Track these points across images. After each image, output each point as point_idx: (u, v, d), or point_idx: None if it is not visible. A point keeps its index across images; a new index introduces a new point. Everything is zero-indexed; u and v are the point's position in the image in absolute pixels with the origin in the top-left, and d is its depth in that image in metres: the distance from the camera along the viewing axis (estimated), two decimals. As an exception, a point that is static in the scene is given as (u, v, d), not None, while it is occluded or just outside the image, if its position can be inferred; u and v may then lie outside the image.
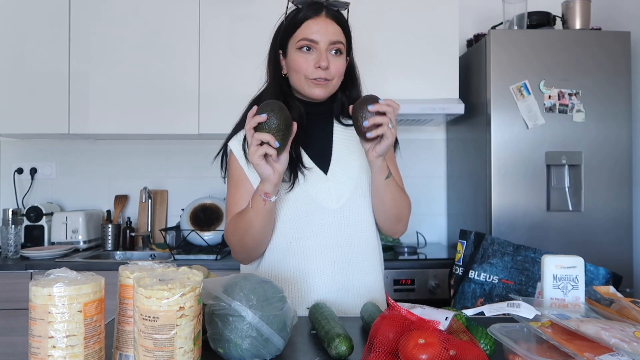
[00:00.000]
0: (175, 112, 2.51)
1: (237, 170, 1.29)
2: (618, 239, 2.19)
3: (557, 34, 2.23)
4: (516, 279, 1.28)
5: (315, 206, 1.25)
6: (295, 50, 1.22)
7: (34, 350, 0.73)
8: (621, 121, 2.20)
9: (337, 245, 1.25)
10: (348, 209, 1.26)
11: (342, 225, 1.25)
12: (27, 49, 2.51)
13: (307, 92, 1.24)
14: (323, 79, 1.21)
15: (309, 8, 1.21)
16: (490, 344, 0.87)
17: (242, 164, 1.27)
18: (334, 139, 1.33)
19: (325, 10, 1.21)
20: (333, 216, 1.25)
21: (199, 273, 0.81)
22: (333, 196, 1.26)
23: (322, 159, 1.29)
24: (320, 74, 1.20)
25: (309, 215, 1.24)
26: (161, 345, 0.72)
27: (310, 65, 1.20)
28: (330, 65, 1.20)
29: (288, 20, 1.24)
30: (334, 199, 1.26)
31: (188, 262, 2.32)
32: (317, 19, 1.20)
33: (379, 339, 0.80)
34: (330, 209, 1.25)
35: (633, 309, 0.95)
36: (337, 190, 1.26)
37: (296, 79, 1.24)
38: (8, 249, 2.40)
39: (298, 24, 1.21)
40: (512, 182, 2.19)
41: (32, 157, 2.90)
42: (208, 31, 2.52)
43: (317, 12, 1.20)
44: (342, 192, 1.26)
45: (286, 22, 1.25)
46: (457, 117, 2.63)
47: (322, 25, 1.20)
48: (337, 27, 1.22)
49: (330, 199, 1.25)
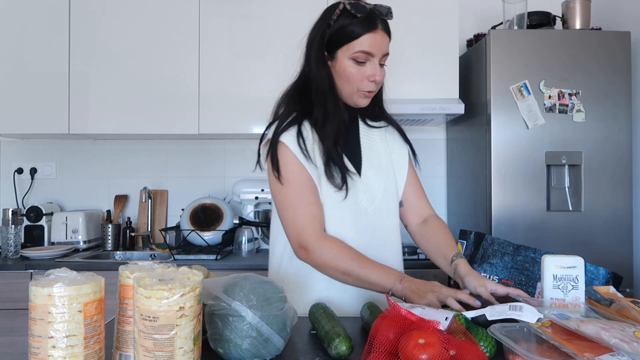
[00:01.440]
0: (175, 112, 2.51)
1: (296, 165, 1.21)
2: (618, 239, 2.19)
3: (557, 34, 2.23)
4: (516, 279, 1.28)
5: (357, 208, 1.26)
6: (347, 59, 1.21)
7: (34, 350, 0.73)
8: (621, 121, 2.20)
9: (373, 246, 1.26)
10: (381, 210, 1.29)
11: (376, 227, 1.28)
12: (27, 49, 2.51)
13: (355, 101, 1.26)
14: (373, 90, 1.24)
15: (368, 20, 1.18)
16: (491, 346, 0.87)
17: (300, 159, 1.21)
18: (360, 140, 1.34)
19: (381, 24, 1.21)
20: (367, 218, 1.27)
21: (199, 273, 0.80)
22: (368, 198, 1.28)
23: (353, 161, 1.30)
24: (372, 87, 1.23)
25: (351, 217, 1.25)
26: (161, 345, 0.72)
27: (364, 77, 1.21)
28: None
29: (342, 26, 1.20)
30: (369, 201, 1.28)
31: (188, 262, 2.32)
32: (375, 33, 1.19)
33: (379, 339, 0.80)
34: (366, 211, 1.27)
35: (633, 309, 0.95)
36: (371, 191, 1.28)
37: (346, 87, 1.24)
38: (8, 249, 2.40)
39: (355, 34, 1.19)
40: (512, 182, 2.19)
41: (32, 157, 2.90)
42: (208, 31, 2.52)
43: (375, 25, 1.19)
44: (375, 194, 1.28)
45: (338, 27, 1.20)
46: (457, 117, 2.63)
47: (379, 40, 1.20)
48: (387, 39, 1.23)
49: (366, 200, 1.27)
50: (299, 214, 1.20)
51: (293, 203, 1.21)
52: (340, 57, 1.21)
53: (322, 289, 1.26)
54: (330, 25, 1.21)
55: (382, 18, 1.21)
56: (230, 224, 2.55)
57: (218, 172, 2.90)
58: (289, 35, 2.72)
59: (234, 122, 2.51)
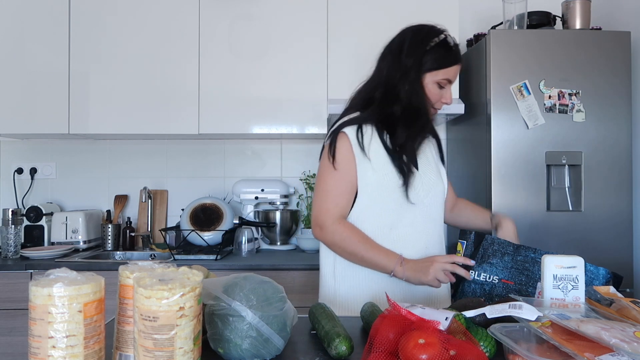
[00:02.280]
0: (175, 112, 2.51)
1: (348, 156, 1.37)
2: (618, 239, 2.18)
3: (557, 34, 2.23)
4: (516, 279, 1.28)
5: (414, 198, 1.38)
6: (433, 83, 1.38)
7: (34, 350, 0.73)
8: (621, 121, 2.20)
9: (427, 233, 1.41)
10: (434, 203, 1.44)
11: (429, 218, 1.43)
12: (27, 49, 2.51)
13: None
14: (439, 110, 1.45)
15: (456, 54, 1.39)
16: (491, 346, 0.87)
17: (355, 151, 1.37)
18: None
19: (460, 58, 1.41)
20: (423, 208, 1.41)
21: (199, 273, 0.81)
22: (425, 191, 1.41)
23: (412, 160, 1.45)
24: (441, 107, 1.44)
25: (408, 206, 1.38)
26: (161, 345, 0.72)
27: (440, 99, 1.41)
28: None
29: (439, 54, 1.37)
30: (425, 193, 1.41)
31: (188, 262, 2.32)
32: (459, 66, 1.40)
33: (379, 339, 0.80)
34: (423, 203, 1.40)
35: (633, 309, 0.95)
36: (427, 185, 1.42)
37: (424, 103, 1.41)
38: (8, 249, 2.40)
39: (448, 64, 1.38)
40: (512, 182, 2.19)
41: (32, 157, 2.90)
42: (208, 31, 2.52)
43: (460, 59, 1.40)
44: (429, 187, 1.42)
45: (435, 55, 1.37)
46: (457, 117, 2.63)
47: (457, 71, 1.41)
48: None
49: (424, 193, 1.41)
50: (329, 199, 1.36)
51: (329, 188, 1.38)
52: (428, 79, 1.38)
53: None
54: (426, 51, 1.37)
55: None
56: (230, 224, 2.55)
57: (218, 172, 2.90)
58: (289, 35, 2.74)
59: (234, 122, 2.51)
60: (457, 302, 1.12)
